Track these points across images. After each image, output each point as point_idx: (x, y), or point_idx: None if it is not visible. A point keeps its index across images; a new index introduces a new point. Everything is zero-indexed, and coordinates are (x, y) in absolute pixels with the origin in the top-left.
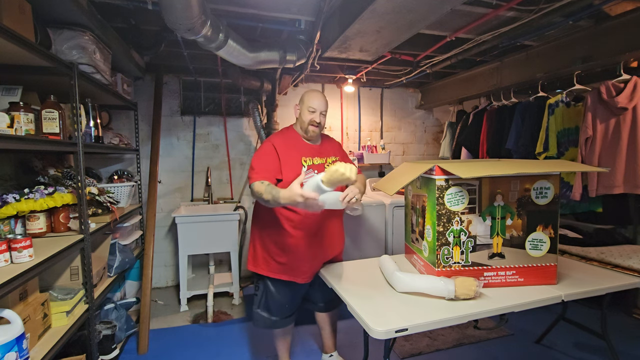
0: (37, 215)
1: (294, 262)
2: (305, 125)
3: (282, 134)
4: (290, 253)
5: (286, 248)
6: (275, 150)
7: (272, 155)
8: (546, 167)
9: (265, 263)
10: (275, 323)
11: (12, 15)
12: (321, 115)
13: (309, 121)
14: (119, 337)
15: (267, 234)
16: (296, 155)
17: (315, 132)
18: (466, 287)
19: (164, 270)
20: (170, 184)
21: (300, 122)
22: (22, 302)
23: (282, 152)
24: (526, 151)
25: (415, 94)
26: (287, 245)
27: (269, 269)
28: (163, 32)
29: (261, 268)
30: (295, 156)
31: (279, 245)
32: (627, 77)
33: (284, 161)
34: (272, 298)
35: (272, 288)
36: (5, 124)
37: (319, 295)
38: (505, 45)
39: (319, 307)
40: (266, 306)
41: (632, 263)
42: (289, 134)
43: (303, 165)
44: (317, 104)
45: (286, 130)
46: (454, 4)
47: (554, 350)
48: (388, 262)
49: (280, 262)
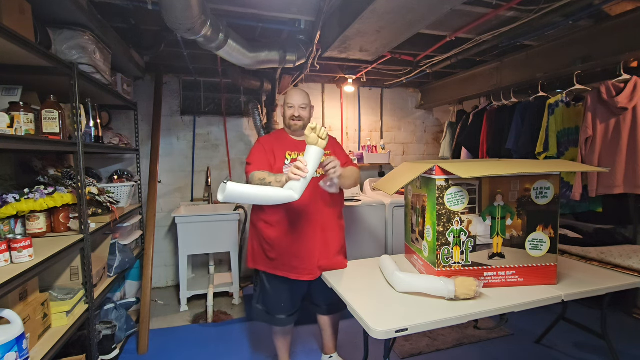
0: (37, 215)
1: (283, 257)
2: (287, 121)
3: (270, 135)
4: (277, 248)
5: (273, 243)
6: (264, 147)
7: (263, 152)
8: (546, 167)
9: (260, 258)
10: (272, 319)
11: (12, 15)
12: (300, 109)
13: (290, 116)
14: (119, 337)
15: (258, 229)
16: (281, 150)
17: (297, 125)
18: (466, 287)
19: (164, 270)
20: (170, 184)
21: (284, 119)
22: (22, 302)
23: (269, 149)
24: (526, 151)
25: (415, 94)
26: (272, 240)
27: (263, 264)
28: (163, 32)
29: (257, 263)
30: (280, 151)
31: (267, 240)
32: (627, 77)
33: (271, 156)
34: (267, 294)
35: (267, 284)
36: (5, 124)
37: (322, 298)
38: (505, 45)
39: (321, 309)
40: (263, 302)
41: (632, 263)
42: (277, 134)
43: (287, 158)
44: (293, 99)
45: (276, 131)
46: (454, 4)
47: (554, 350)
48: (388, 262)
49: (271, 258)
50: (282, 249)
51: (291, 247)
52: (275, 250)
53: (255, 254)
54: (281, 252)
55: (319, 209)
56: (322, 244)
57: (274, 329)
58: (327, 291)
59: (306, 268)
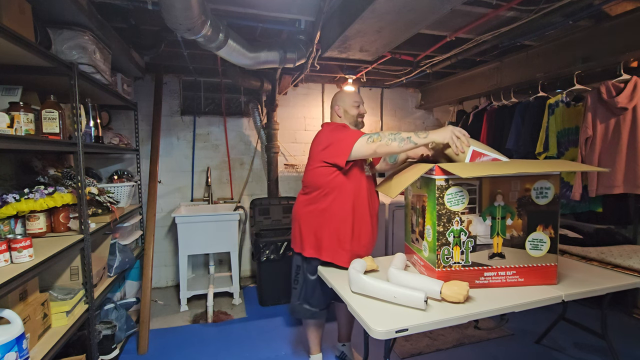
0: (37, 215)
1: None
2: (355, 119)
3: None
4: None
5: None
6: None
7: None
8: (546, 167)
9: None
10: (315, 314)
11: (12, 15)
12: (363, 107)
13: (358, 114)
14: (119, 337)
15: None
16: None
17: (363, 123)
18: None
19: (164, 270)
20: (170, 184)
21: (349, 117)
22: (22, 302)
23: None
24: (526, 151)
25: (415, 94)
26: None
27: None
28: (163, 32)
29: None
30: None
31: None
32: (627, 77)
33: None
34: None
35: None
36: (5, 124)
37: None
38: (505, 45)
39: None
40: (307, 297)
41: (632, 263)
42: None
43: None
44: (359, 98)
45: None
46: (454, 4)
47: (554, 350)
48: (398, 263)
49: (345, 249)
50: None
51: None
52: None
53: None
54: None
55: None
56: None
57: (307, 322)
58: None
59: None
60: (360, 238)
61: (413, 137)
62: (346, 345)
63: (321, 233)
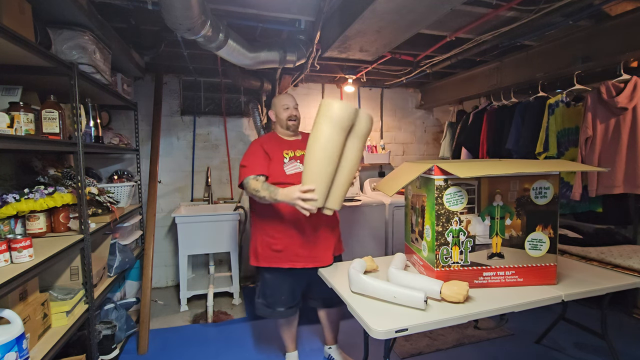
0: (37, 215)
1: (288, 248)
2: (285, 122)
3: (266, 136)
4: (283, 239)
5: (279, 235)
6: (263, 148)
7: (261, 153)
8: (546, 167)
9: (264, 254)
10: (273, 313)
11: (12, 15)
12: (294, 109)
13: (287, 117)
14: (119, 337)
15: (264, 224)
16: (279, 150)
17: (295, 125)
18: (454, 292)
19: (164, 270)
20: (170, 184)
21: (280, 121)
22: (22, 302)
23: (268, 148)
24: (526, 151)
25: (415, 94)
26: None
27: (267, 259)
28: (163, 32)
29: (261, 260)
30: (278, 151)
31: (274, 233)
32: (627, 77)
33: (270, 156)
34: (268, 288)
35: (268, 278)
36: (5, 124)
37: (317, 292)
38: (505, 45)
39: (318, 303)
40: (264, 295)
41: (632, 263)
42: (272, 135)
43: (285, 156)
44: (288, 101)
45: (269, 133)
46: (454, 4)
47: (554, 350)
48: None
49: (276, 250)
50: (288, 240)
51: (297, 238)
52: (281, 242)
53: (258, 251)
54: (287, 243)
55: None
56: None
57: (278, 322)
58: (322, 285)
59: (312, 257)
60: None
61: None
62: (332, 348)
63: (255, 241)
